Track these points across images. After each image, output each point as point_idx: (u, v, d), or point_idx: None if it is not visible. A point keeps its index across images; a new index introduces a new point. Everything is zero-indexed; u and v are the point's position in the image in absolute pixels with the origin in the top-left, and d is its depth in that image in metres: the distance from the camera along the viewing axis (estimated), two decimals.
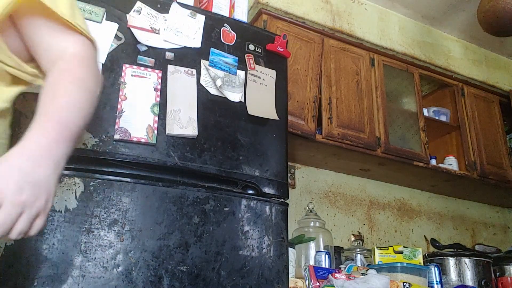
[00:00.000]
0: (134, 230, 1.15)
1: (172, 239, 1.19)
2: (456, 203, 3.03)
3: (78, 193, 1.12)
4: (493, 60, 3.26)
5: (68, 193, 1.11)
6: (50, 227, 1.06)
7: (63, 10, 0.79)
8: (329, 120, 2.22)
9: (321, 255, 1.81)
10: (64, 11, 0.79)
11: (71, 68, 0.77)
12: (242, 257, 1.27)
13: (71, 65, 0.78)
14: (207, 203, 1.27)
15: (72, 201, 1.11)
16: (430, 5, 2.86)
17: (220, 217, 1.28)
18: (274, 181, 1.42)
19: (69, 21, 0.80)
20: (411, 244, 2.67)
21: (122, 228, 1.14)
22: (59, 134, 0.69)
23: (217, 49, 1.48)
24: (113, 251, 1.11)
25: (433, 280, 1.77)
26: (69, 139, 0.71)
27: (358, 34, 2.65)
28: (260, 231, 1.33)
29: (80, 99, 0.76)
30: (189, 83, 1.38)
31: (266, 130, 1.48)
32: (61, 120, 0.71)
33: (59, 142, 0.69)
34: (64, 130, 0.70)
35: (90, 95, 0.78)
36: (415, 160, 2.42)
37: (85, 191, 1.13)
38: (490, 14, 2.30)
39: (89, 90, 0.78)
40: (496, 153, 2.77)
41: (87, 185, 1.14)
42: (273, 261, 1.32)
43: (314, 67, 2.28)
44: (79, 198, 1.12)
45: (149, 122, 1.26)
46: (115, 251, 1.11)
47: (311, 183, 2.50)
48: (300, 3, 2.48)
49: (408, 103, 2.63)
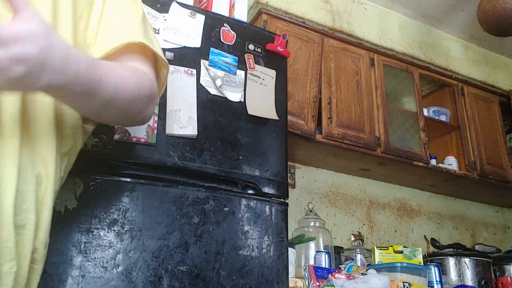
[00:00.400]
0: (134, 230, 1.15)
1: (172, 239, 1.18)
2: (456, 203, 3.03)
3: (78, 193, 1.12)
4: (493, 60, 3.26)
5: (68, 193, 1.11)
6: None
7: (159, 50, 0.83)
8: (329, 120, 2.22)
9: (321, 255, 1.81)
10: (160, 51, 0.83)
11: (139, 74, 0.76)
12: (242, 257, 1.27)
13: (140, 73, 0.77)
14: (207, 203, 1.27)
15: (72, 201, 1.11)
16: (430, 5, 2.86)
17: (220, 217, 1.28)
18: (274, 181, 1.42)
19: (165, 61, 0.84)
20: (411, 244, 2.67)
21: (122, 228, 1.14)
22: (87, 80, 0.62)
23: (217, 49, 1.47)
24: (113, 251, 1.11)
25: (433, 280, 1.77)
26: (85, 91, 0.63)
27: (358, 34, 2.65)
28: (260, 231, 1.33)
29: (130, 92, 0.72)
30: (189, 83, 1.38)
31: (266, 130, 1.48)
32: (102, 78, 0.65)
33: (80, 81, 0.61)
34: (92, 83, 0.63)
35: (133, 104, 0.75)
36: (415, 160, 2.42)
37: (85, 191, 1.13)
38: (490, 14, 2.30)
39: (137, 100, 0.75)
40: (496, 153, 2.77)
41: (87, 185, 1.14)
42: (273, 261, 1.32)
43: (314, 67, 2.28)
44: (79, 198, 1.12)
45: (148, 122, 1.26)
46: (115, 251, 1.11)
47: (311, 183, 2.50)
48: (300, 3, 2.48)
49: (408, 103, 2.63)
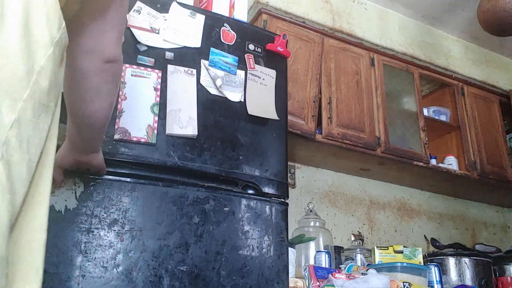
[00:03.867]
0: (134, 230, 1.15)
1: (172, 239, 1.18)
2: (456, 203, 3.03)
3: (78, 193, 1.12)
4: (493, 60, 3.26)
5: (68, 193, 1.11)
6: (49, 227, 1.06)
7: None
8: (329, 120, 2.21)
9: (321, 255, 1.81)
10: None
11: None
12: (242, 257, 1.27)
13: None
14: (207, 203, 1.27)
15: (72, 201, 1.11)
16: (430, 4, 2.86)
17: (220, 217, 1.28)
18: (274, 181, 1.42)
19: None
20: (411, 244, 2.67)
21: (122, 228, 1.14)
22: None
23: (217, 49, 1.47)
24: (113, 251, 1.11)
25: (433, 280, 1.77)
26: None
27: (358, 33, 2.65)
28: (260, 231, 1.33)
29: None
30: (189, 83, 1.38)
31: (266, 130, 1.48)
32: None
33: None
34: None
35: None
36: (415, 159, 2.42)
37: (85, 191, 1.13)
38: (490, 14, 2.30)
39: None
40: (496, 153, 2.77)
41: (87, 184, 1.14)
42: (273, 261, 1.32)
43: (314, 67, 2.28)
44: (79, 198, 1.12)
45: (149, 122, 1.26)
46: (115, 251, 1.11)
47: (311, 183, 2.50)
48: (300, 3, 2.48)
49: (408, 103, 2.63)
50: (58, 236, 1.07)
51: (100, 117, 0.85)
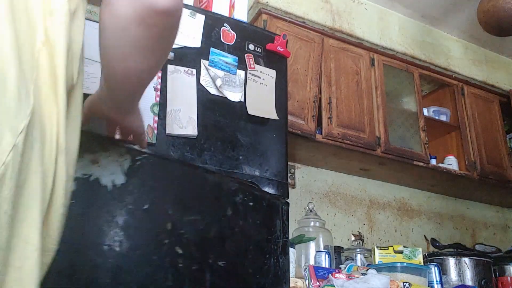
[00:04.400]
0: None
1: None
2: (456, 203, 3.03)
3: (126, 167, 1.01)
4: (493, 60, 3.26)
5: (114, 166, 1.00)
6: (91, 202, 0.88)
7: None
8: (329, 120, 2.22)
9: (321, 255, 1.81)
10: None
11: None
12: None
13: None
14: None
15: (120, 176, 1.00)
16: (430, 4, 2.86)
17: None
18: (274, 181, 1.42)
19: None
20: (411, 244, 2.67)
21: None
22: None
23: (217, 49, 1.47)
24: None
25: (433, 280, 1.77)
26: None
27: (358, 34, 2.65)
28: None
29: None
30: (189, 83, 1.38)
31: (266, 130, 1.48)
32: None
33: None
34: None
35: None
36: (415, 160, 2.42)
37: (133, 164, 1.03)
38: (490, 14, 2.30)
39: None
40: (496, 153, 2.77)
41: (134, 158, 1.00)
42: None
43: (314, 67, 2.28)
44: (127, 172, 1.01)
45: (149, 122, 1.26)
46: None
47: (311, 183, 2.50)
48: (300, 3, 2.48)
49: (408, 103, 2.63)
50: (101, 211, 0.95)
51: (133, 81, 0.70)
